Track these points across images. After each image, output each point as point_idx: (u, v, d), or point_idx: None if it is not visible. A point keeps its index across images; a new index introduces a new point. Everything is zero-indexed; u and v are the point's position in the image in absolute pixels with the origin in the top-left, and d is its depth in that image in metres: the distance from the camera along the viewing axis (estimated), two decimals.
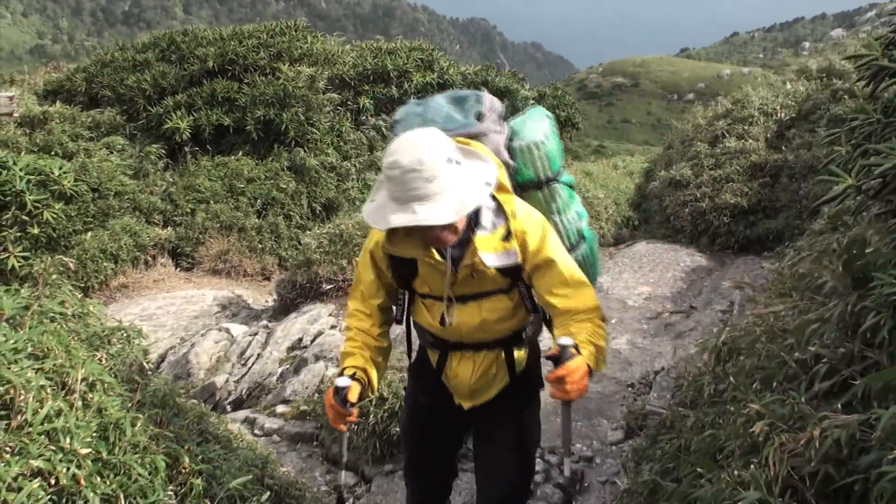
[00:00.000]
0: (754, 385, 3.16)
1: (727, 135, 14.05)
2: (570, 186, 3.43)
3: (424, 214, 2.57)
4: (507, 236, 2.87)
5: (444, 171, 2.59)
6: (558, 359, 2.63)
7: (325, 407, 2.99)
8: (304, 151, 15.32)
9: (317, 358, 7.79)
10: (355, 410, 3.01)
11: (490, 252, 2.85)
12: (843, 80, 13.04)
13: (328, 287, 9.91)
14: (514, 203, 2.91)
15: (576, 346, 2.66)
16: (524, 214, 2.92)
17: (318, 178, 15.06)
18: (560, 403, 2.81)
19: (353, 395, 2.94)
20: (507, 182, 2.96)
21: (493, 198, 2.89)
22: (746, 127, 13.94)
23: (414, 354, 3.57)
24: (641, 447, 4.84)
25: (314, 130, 15.74)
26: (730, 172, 12.96)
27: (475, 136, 3.06)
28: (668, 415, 4.83)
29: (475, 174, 2.76)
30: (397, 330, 3.70)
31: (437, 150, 2.60)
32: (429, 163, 2.56)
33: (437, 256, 2.88)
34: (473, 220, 2.86)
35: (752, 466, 2.59)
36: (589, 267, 3.40)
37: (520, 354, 3.22)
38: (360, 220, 10.55)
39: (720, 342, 3.64)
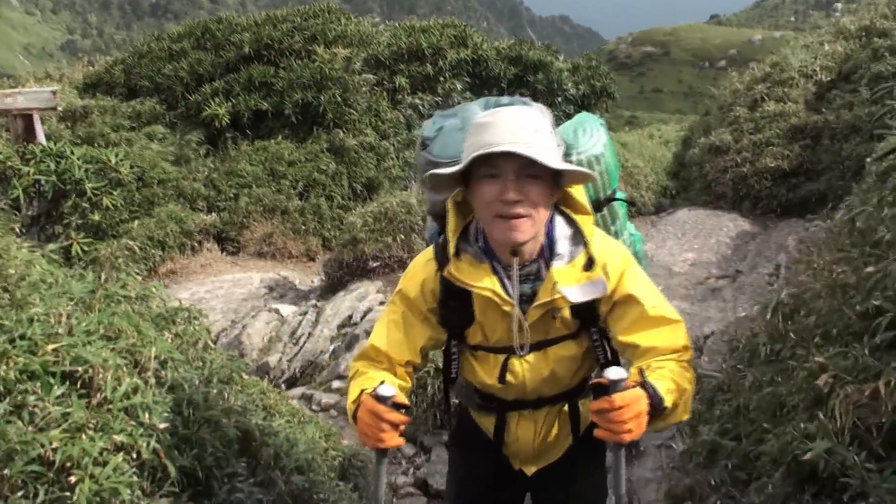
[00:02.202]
0: (815, 339, 3.19)
1: (766, 98, 13.89)
2: (626, 202, 2.95)
3: (531, 151, 2.12)
4: (590, 264, 2.32)
5: (547, 133, 2.23)
6: (606, 391, 2.00)
7: (361, 425, 2.24)
8: (343, 132, 15.35)
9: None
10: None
11: (572, 285, 2.30)
12: (885, 38, 12.80)
13: (375, 264, 10.03)
14: (592, 227, 2.40)
15: (643, 384, 2.06)
16: (603, 241, 2.42)
17: (358, 159, 15.08)
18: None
19: (402, 398, 2.29)
20: (586, 202, 2.42)
21: (570, 222, 2.39)
22: (786, 90, 13.77)
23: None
24: (697, 410, 4.87)
25: (352, 111, 15.76)
26: (770, 136, 12.84)
27: None
28: (723, 377, 4.87)
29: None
30: None
31: (544, 118, 2.30)
32: (535, 118, 2.24)
33: (500, 290, 2.33)
34: (547, 249, 2.35)
35: (817, 419, 2.63)
36: None
37: (585, 407, 2.61)
38: (403, 197, 10.63)
39: (781, 298, 3.65)
